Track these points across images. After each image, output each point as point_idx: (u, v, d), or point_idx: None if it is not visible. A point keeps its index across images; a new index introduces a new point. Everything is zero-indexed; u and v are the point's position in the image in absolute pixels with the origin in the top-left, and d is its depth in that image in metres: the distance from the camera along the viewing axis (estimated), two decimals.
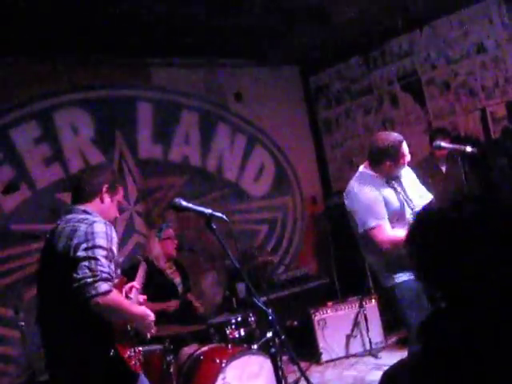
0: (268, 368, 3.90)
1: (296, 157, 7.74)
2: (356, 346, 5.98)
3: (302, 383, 4.81)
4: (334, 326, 5.98)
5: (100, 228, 2.75)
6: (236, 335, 4.68)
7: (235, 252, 3.28)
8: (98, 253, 2.65)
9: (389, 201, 3.87)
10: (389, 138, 3.93)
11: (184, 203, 2.98)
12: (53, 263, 2.82)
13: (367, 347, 5.96)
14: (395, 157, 3.85)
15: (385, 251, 3.82)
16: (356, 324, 5.99)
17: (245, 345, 4.62)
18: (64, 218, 2.90)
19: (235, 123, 7.24)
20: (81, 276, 2.58)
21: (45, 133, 5.74)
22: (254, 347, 4.42)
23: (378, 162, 3.92)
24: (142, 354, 3.00)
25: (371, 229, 3.79)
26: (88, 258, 2.63)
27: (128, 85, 6.40)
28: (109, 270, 2.65)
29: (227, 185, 7.09)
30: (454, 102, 6.31)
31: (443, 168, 5.64)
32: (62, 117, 5.85)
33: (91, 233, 2.71)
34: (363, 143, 7.29)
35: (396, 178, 4.00)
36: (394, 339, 6.03)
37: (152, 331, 2.99)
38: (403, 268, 3.81)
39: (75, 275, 2.58)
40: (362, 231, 3.84)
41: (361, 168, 4.05)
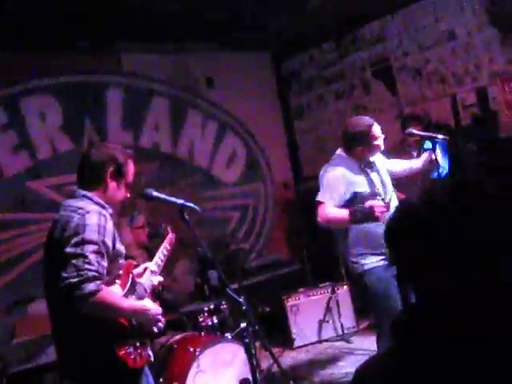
0: (241, 355, 3.91)
1: (267, 143, 7.72)
2: (328, 331, 6.03)
3: (275, 369, 4.85)
4: (307, 312, 6.02)
5: (92, 220, 2.61)
6: (209, 323, 4.68)
7: (207, 240, 3.29)
8: (87, 249, 2.53)
9: (359, 186, 3.92)
10: (358, 123, 3.97)
11: (155, 193, 2.95)
12: (51, 254, 2.73)
13: (339, 332, 6.02)
14: (366, 141, 3.90)
15: (319, 225, 3.92)
16: (328, 309, 6.03)
17: (218, 333, 4.63)
18: (64, 204, 2.79)
19: (206, 109, 7.18)
20: (67, 275, 2.48)
21: (12, 120, 5.61)
22: (228, 335, 4.43)
23: (350, 147, 3.97)
24: None
25: (318, 202, 3.90)
26: (76, 256, 2.51)
27: (97, 70, 6.29)
28: (97, 268, 2.52)
29: (198, 171, 7.05)
30: (426, 89, 6.35)
31: (414, 154, 5.67)
32: (30, 103, 5.73)
33: (82, 225, 2.58)
34: (335, 129, 7.29)
35: (370, 164, 4.02)
36: (366, 324, 6.09)
37: (159, 325, 2.84)
38: (379, 251, 3.85)
39: (63, 273, 2.49)
40: (316, 200, 3.92)
41: (338, 151, 4.10)
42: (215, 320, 4.73)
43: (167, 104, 6.83)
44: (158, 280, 3.12)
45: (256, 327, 2.90)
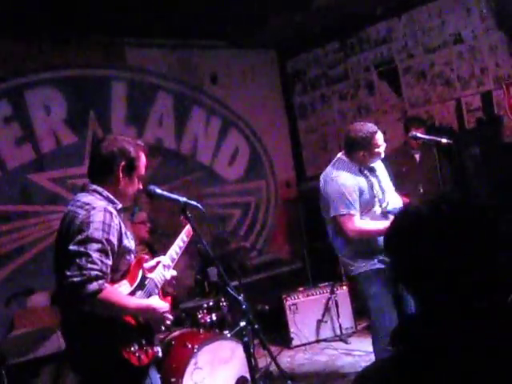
0: (239, 353, 3.92)
1: (271, 141, 7.72)
2: (326, 331, 6.03)
3: (273, 368, 4.85)
4: (305, 311, 6.02)
5: (97, 217, 2.57)
6: (208, 320, 4.68)
7: (208, 237, 3.28)
8: (91, 247, 2.50)
9: (362, 190, 3.93)
10: (362, 129, 3.97)
11: (158, 191, 2.94)
12: (58, 247, 2.71)
13: (337, 332, 6.02)
14: (368, 147, 3.91)
15: (350, 239, 3.91)
16: (327, 309, 6.03)
17: (217, 330, 4.63)
18: (74, 198, 2.76)
19: (210, 106, 7.17)
20: (70, 274, 2.46)
21: (15, 112, 5.61)
22: (226, 333, 4.43)
23: (352, 151, 3.99)
24: None
25: (341, 215, 3.87)
26: (79, 255, 2.49)
27: (102, 64, 6.28)
28: (100, 267, 2.50)
29: (201, 168, 7.05)
30: (430, 92, 6.34)
31: (417, 156, 5.67)
32: (34, 96, 5.73)
33: (87, 223, 2.55)
34: (338, 129, 7.30)
35: (370, 169, 4.03)
36: (364, 325, 6.09)
37: (166, 323, 2.78)
38: (371, 255, 3.87)
39: (66, 272, 2.48)
40: (333, 216, 3.90)
41: (339, 154, 4.10)
42: (214, 317, 4.73)
43: (171, 100, 6.83)
44: (171, 274, 3.05)
45: (255, 326, 2.90)
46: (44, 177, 5.72)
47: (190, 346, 4.11)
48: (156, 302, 2.76)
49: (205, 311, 4.71)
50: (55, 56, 5.85)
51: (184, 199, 2.85)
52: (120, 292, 2.66)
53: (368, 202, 3.92)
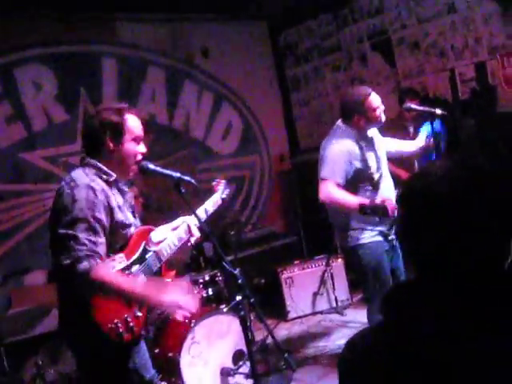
0: (236, 327, 3.92)
1: (264, 115, 7.68)
2: (322, 304, 6.07)
3: (270, 341, 4.88)
4: (301, 284, 6.05)
5: (80, 195, 2.55)
6: (204, 295, 4.71)
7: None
8: (78, 228, 2.49)
9: (361, 158, 3.87)
10: (354, 93, 3.94)
11: (151, 166, 2.90)
12: (50, 224, 2.67)
13: (333, 305, 6.07)
14: (362, 110, 3.82)
15: (321, 202, 3.90)
16: (322, 282, 6.06)
17: (213, 304, 4.65)
18: (70, 172, 2.74)
19: (202, 80, 7.11)
20: (60, 258, 2.46)
21: (5, 90, 5.55)
22: (223, 307, 4.45)
23: (348, 117, 3.91)
24: None
25: (322, 179, 3.84)
26: (67, 237, 2.48)
27: (92, 40, 6.20)
28: (90, 246, 2.48)
29: (194, 143, 7.02)
30: (424, 62, 6.29)
31: (411, 129, 5.65)
32: (24, 73, 5.65)
33: (71, 202, 2.53)
34: (331, 101, 7.26)
35: (368, 138, 3.98)
36: (360, 297, 6.12)
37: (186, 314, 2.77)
38: (367, 224, 3.86)
39: (56, 256, 2.49)
40: (319, 177, 3.87)
41: (338, 121, 4.02)
42: (210, 292, 4.75)
43: (163, 75, 6.77)
44: (195, 239, 3.01)
45: (251, 300, 2.90)
46: (36, 155, 5.68)
47: (187, 321, 4.14)
48: (163, 295, 2.64)
49: (201, 286, 4.73)
50: (44, 32, 5.76)
51: (177, 174, 2.82)
52: (115, 272, 2.60)
53: (360, 174, 3.88)
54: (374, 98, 3.86)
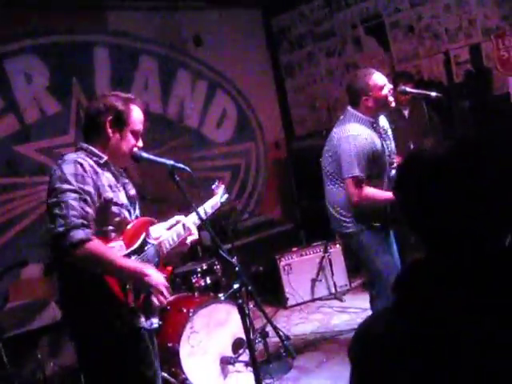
0: (235, 316, 3.91)
1: (258, 102, 7.64)
2: (321, 290, 6.08)
3: (269, 328, 4.88)
4: (300, 271, 6.05)
5: (68, 169, 2.51)
6: (202, 284, 4.70)
7: (198, 200, 3.23)
8: (67, 197, 2.45)
9: (373, 147, 3.76)
10: (357, 74, 3.88)
11: (145, 155, 2.87)
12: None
13: (332, 291, 6.07)
14: (368, 90, 3.72)
15: (354, 204, 3.78)
16: (321, 268, 6.06)
17: (211, 293, 4.64)
18: None
19: (195, 68, 7.06)
20: (53, 226, 2.41)
21: None
22: (221, 296, 4.44)
23: (356, 101, 3.80)
24: None
25: (352, 177, 3.71)
26: (57, 205, 2.44)
27: (83, 29, 6.12)
28: (82, 213, 2.44)
29: (189, 132, 6.98)
30: (418, 46, 6.25)
31: (405, 112, 5.63)
32: (14, 64, 5.58)
33: (59, 177, 2.50)
34: (326, 87, 7.22)
35: (376, 126, 3.87)
36: (358, 282, 6.14)
37: (160, 297, 2.58)
38: (372, 219, 3.84)
39: (49, 225, 2.44)
40: (346, 176, 3.75)
41: (348, 107, 3.88)
42: (208, 281, 4.75)
43: (156, 63, 6.72)
44: (192, 239, 2.98)
45: (249, 287, 2.88)
46: (30, 147, 5.64)
47: (186, 311, 4.13)
48: (152, 270, 2.61)
49: (199, 275, 4.73)
50: (35, 23, 5.69)
51: (171, 162, 2.78)
52: (111, 248, 2.57)
53: (378, 161, 3.78)
54: (378, 77, 3.77)
